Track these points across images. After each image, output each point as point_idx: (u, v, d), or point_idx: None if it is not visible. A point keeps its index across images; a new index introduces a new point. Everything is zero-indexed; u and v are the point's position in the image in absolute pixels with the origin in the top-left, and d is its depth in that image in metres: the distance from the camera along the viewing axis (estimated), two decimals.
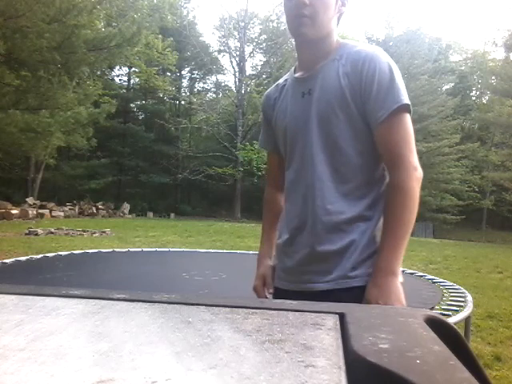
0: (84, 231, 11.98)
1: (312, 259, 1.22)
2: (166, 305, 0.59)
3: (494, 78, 25.61)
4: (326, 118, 1.20)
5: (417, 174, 1.15)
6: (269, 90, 1.44)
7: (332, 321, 0.53)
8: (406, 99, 1.16)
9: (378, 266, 1.13)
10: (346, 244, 1.17)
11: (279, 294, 1.31)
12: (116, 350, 0.43)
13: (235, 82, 28.76)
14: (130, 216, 21.01)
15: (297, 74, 1.32)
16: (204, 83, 32.38)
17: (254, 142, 23.24)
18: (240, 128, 25.73)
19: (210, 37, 51.82)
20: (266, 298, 1.38)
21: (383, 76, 1.16)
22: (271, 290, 1.38)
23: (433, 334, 0.46)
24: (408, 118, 1.18)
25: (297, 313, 0.56)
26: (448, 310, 3.52)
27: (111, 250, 7.70)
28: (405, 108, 1.17)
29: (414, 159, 1.16)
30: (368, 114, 1.17)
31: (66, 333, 0.48)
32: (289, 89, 1.33)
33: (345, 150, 1.20)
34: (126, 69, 26.78)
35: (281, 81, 1.40)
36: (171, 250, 8.35)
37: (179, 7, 28.37)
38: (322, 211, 1.20)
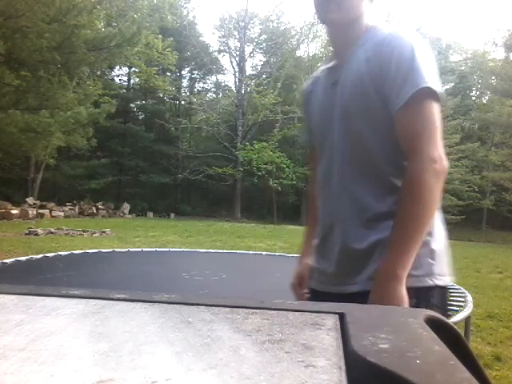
0: (84, 231, 11.98)
1: (342, 260, 1.15)
2: (166, 305, 0.59)
3: (493, 77, 25.62)
4: (347, 108, 1.13)
5: (436, 166, 1.01)
6: (305, 84, 1.38)
7: (332, 321, 0.53)
8: (428, 83, 1.03)
9: (381, 268, 1.03)
10: (374, 242, 1.09)
11: (314, 295, 1.26)
12: (116, 349, 0.43)
13: (235, 81, 28.80)
14: (130, 216, 21.02)
15: (329, 64, 1.25)
16: (204, 83, 32.43)
17: (254, 142, 23.28)
18: (240, 128, 25.75)
19: (210, 37, 51.83)
20: (303, 297, 1.33)
21: (402, 58, 1.05)
22: (306, 290, 1.34)
23: (433, 334, 0.46)
24: (431, 105, 1.04)
25: (297, 313, 0.56)
26: (448, 310, 3.51)
27: (111, 250, 7.70)
28: (426, 93, 1.03)
29: (434, 151, 1.02)
30: (388, 102, 1.07)
31: (66, 333, 0.48)
32: (322, 80, 1.26)
33: (366, 142, 1.11)
34: (126, 69, 26.80)
35: (317, 72, 1.33)
36: (171, 250, 8.35)
37: (179, 7, 28.37)
38: (349, 209, 1.13)
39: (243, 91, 26.73)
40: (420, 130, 1.04)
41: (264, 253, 8.64)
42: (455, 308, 3.56)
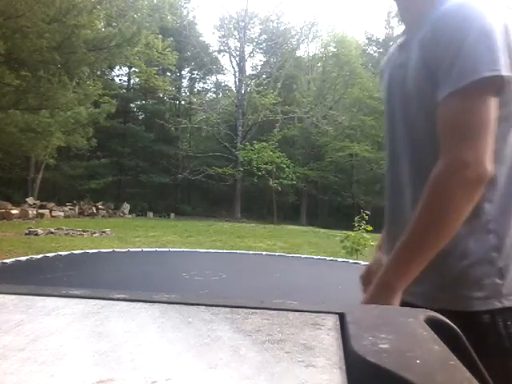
0: (84, 231, 11.99)
1: None
2: (166, 305, 0.59)
3: None
4: (406, 95, 0.99)
5: (466, 172, 0.84)
6: (382, 61, 1.22)
7: (332, 321, 0.53)
8: (480, 72, 0.84)
9: (380, 274, 0.93)
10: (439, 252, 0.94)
11: None
12: (116, 349, 0.43)
13: (235, 81, 28.83)
14: (130, 216, 21.02)
15: (401, 39, 1.08)
16: (204, 83, 32.45)
17: (254, 142, 23.29)
18: (240, 128, 25.76)
19: (210, 37, 51.92)
20: (366, 291, 1.27)
21: (451, 41, 0.88)
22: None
23: (433, 334, 0.46)
24: (479, 99, 0.86)
25: (297, 313, 0.56)
26: None
27: (111, 250, 7.70)
28: (476, 84, 0.84)
29: (468, 152, 0.85)
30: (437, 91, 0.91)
31: (66, 333, 0.48)
32: (394, 59, 1.10)
33: (422, 136, 0.98)
34: (126, 69, 26.81)
35: (393, 47, 1.17)
36: (171, 250, 8.35)
37: (179, 7, 28.38)
38: (406, 208, 1.02)
39: (243, 91, 26.74)
40: (453, 127, 0.88)
41: (264, 253, 8.65)
42: None
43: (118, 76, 28.19)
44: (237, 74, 28.21)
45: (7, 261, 5.56)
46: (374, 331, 0.46)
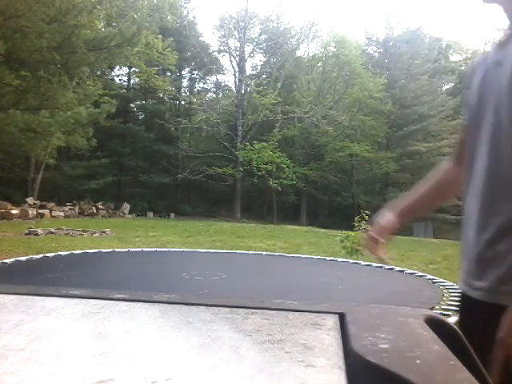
0: (84, 231, 11.98)
1: (467, 256, 1.02)
2: (166, 305, 0.59)
3: None
4: (502, 96, 0.92)
5: None
6: (476, 58, 1.16)
7: (332, 321, 0.53)
8: None
9: None
10: (500, 251, 0.92)
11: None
12: (116, 349, 0.43)
13: (235, 81, 28.80)
14: (130, 216, 21.01)
15: (504, 36, 1.01)
16: (204, 83, 32.42)
17: (254, 142, 23.28)
18: (240, 128, 25.75)
19: (210, 37, 51.79)
20: (374, 247, 1.22)
21: None
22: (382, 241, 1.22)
23: (433, 334, 0.46)
24: None
25: (297, 313, 0.56)
26: (448, 309, 3.51)
27: (111, 250, 7.70)
28: None
29: None
30: None
31: (66, 333, 0.48)
32: (490, 56, 1.05)
33: (506, 142, 0.91)
34: (126, 69, 26.79)
35: (493, 45, 1.12)
36: (171, 250, 8.35)
37: (179, 7, 28.34)
38: (479, 206, 0.99)
39: (243, 91, 26.73)
40: None
41: (264, 253, 8.64)
42: (455, 308, 3.56)
43: (118, 76, 28.21)
44: (237, 74, 28.19)
45: (7, 261, 5.55)
46: (374, 331, 0.46)
